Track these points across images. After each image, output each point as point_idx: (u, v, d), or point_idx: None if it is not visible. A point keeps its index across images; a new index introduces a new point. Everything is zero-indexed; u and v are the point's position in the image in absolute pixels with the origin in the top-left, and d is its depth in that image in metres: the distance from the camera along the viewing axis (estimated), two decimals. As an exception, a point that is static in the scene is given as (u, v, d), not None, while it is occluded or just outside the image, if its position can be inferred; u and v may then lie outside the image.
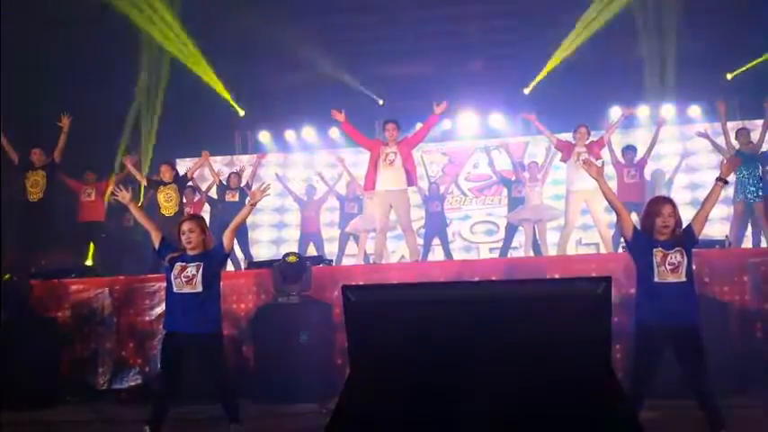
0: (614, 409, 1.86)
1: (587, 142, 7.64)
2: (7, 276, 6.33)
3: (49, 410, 5.79)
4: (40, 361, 6.09)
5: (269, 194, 4.73)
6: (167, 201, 8.09)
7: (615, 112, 10.45)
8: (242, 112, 11.75)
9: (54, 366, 6.29)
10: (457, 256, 10.53)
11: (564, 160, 7.75)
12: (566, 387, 1.85)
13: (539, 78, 10.70)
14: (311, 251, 9.51)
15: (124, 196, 4.68)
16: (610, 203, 4.25)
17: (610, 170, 8.50)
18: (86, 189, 8.83)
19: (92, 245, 8.69)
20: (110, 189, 8.50)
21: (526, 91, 10.94)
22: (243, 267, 8.53)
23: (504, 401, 1.86)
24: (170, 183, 8.16)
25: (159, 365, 4.60)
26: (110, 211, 8.97)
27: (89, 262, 8.30)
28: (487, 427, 1.86)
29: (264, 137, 12.41)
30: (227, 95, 11.21)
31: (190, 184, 9.30)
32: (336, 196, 10.06)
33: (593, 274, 5.64)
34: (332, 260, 8.34)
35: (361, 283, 6.14)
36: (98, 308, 6.62)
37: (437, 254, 9.99)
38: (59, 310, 6.65)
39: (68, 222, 8.77)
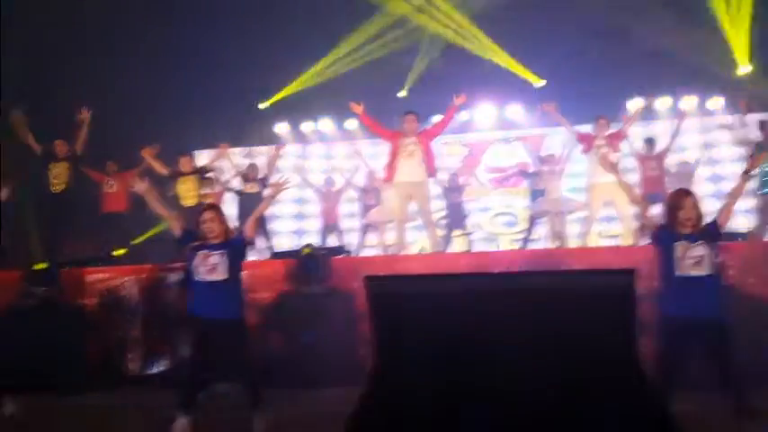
0: (643, 403, 1.86)
1: (607, 134, 7.57)
2: (42, 265, 6.44)
3: (78, 397, 5.89)
4: (69, 348, 6.21)
5: (288, 188, 4.78)
6: (186, 192, 8.16)
7: (634, 104, 10.35)
8: (266, 105, 11.81)
9: (82, 353, 6.41)
10: (477, 247, 10.52)
11: (584, 152, 7.70)
12: (592, 380, 1.86)
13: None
14: (331, 242, 9.54)
15: (140, 187, 4.75)
16: (628, 197, 4.25)
17: (630, 162, 8.43)
18: (108, 180, 8.92)
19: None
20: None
21: (538, 85, 10.85)
22: (266, 257, 8.60)
23: (529, 395, 1.87)
24: (189, 174, 8.22)
25: (186, 351, 4.68)
26: (133, 201, 9.02)
27: (120, 252, 8.33)
28: (513, 420, 1.87)
29: (282, 128, 12.45)
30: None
31: (210, 175, 9.37)
32: (354, 188, 10.07)
33: (617, 267, 5.61)
34: (351, 251, 8.37)
35: (382, 273, 6.16)
36: (125, 296, 6.74)
37: (458, 246, 9.97)
38: (87, 297, 6.78)
39: (92, 213, 8.87)
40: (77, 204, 8.34)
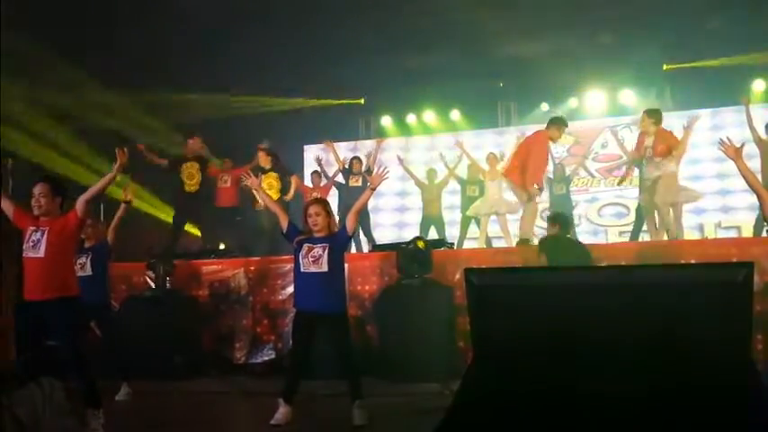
0: (755, 405, 1.74)
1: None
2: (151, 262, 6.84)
3: (192, 382, 6.24)
4: (184, 336, 6.58)
5: (387, 178, 4.81)
6: (268, 188, 8.26)
7: (758, 86, 9.64)
8: (362, 101, 12.02)
9: (196, 341, 6.79)
10: (583, 239, 10.14)
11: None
12: (702, 380, 1.76)
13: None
14: (432, 234, 9.54)
15: (252, 183, 4.97)
16: (749, 185, 4.02)
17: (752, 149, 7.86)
18: (223, 176, 9.30)
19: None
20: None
21: (665, 67, 10.27)
22: (366, 250, 8.72)
23: (635, 394, 1.79)
24: (269, 170, 8.37)
25: (291, 342, 4.84)
26: (244, 196, 9.39)
27: (222, 246, 8.68)
28: (617, 421, 1.80)
29: (387, 121, 12.58)
30: None
31: (317, 169, 9.62)
32: (457, 180, 10.00)
33: (734, 260, 5.28)
34: (453, 243, 8.33)
35: (483, 266, 6.11)
36: (234, 287, 7.07)
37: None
38: (200, 289, 7.17)
39: (207, 207, 9.31)
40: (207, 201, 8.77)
